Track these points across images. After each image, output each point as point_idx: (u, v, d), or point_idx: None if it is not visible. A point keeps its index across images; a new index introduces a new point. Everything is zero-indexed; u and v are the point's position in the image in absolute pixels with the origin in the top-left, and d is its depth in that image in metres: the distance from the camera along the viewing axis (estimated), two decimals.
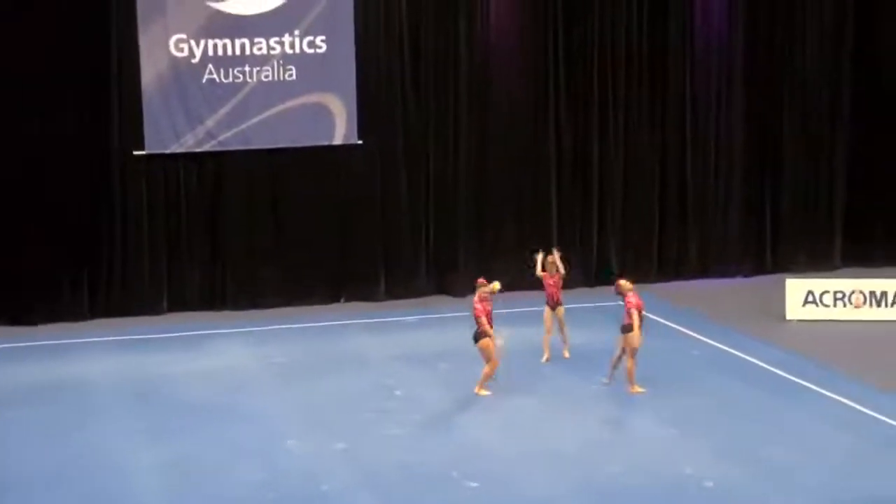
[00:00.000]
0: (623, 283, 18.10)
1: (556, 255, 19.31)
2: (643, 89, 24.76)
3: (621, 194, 24.90)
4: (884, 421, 16.39)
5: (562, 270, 19.25)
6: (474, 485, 14.57)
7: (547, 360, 19.16)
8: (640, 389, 17.70)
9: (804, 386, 17.98)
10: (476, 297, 17.88)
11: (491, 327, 17.66)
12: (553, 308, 19.17)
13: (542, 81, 24.29)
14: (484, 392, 17.90)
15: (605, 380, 18.07)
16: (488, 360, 17.82)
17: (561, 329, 19.28)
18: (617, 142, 24.73)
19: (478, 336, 17.76)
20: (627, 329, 17.60)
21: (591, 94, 24.51)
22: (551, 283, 19.12)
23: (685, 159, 25.13)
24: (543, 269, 19.25)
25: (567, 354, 19.26)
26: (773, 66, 25.34)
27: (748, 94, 25.31)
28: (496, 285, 17.94)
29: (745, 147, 25.43)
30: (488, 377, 17.92)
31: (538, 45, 24.21)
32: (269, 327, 22.03)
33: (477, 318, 17.68)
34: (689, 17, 24.77)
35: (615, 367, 17.96)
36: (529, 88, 24.29)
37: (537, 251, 19.61)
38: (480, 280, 18.26)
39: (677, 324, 21.61)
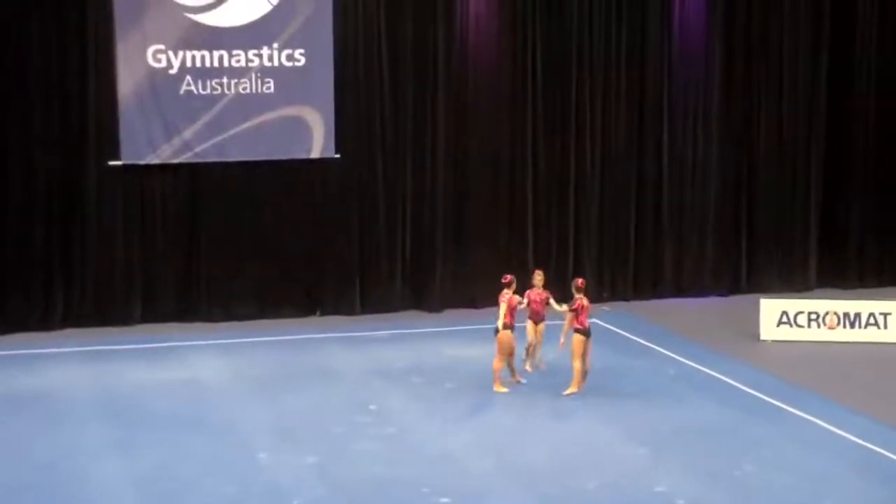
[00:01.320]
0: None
1: (540, 276, 19.24)
2: (620, 105, 24.76)
3: (597, 211, 24.89)
4: (856, 442, 16.36)
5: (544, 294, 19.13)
6: (446, 500, 14.47)
7: (530, 370, 19.07)
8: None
9: (778, 406, 17.96)
10: (504, 293, 18.36)
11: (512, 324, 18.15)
12: (536, 324, 19.06)
13: (521, 98, 24.26)
14: (502, 389, 18.33)
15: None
16: (499, 351, 18.27)
17: (536, 345, 19.20)
18: (594, 158, 24.71)
19: (497, 329, 18.24)
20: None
21: (568, 112, 24.50)
22: (537, 299, 19.02)
23: (661, 177, 25.13)
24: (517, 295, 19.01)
25: (530, 369, 19.14)
26: (750, 85, 25.39)
27: (725, 112, 25.33)
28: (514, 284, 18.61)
29: (722, 166, 25.46)
30: (497, 372, 18.35)
31: (517, 62, 24.18)
32: (244, 340, 21.90)
33: (501, 309, 18.22)
34: (668, 31, 24.79)
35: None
36: (507, 105, 24.25)
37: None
38: (507, 278, 18.58)
39: (652, 342, 21.58)
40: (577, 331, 18.26)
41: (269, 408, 17.99)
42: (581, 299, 18.30)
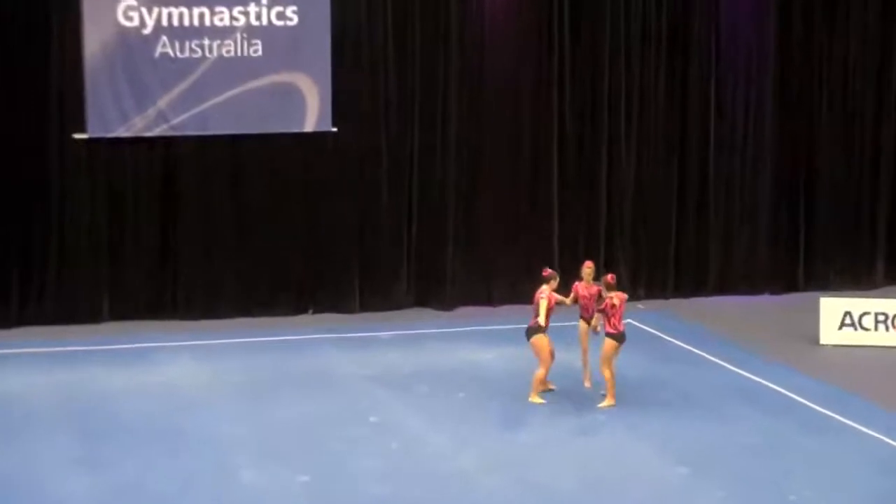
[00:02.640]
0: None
1: (590, 268, 19.18)
2: (660, 82, 24.80)
3: (632, 199, 24.93)
4: None
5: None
6: None
7: (589, 386, 19.13)
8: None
9: (840, 421, 17.98)
10: (543, 289, 18.33)
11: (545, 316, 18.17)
12: (588, 322, 19.03)
13: (546, 68, 24.32)
14: (538, 400, 18.44)
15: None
16: (541, 360, 18.33)
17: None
18: (629, 139, 24.76)
19: (530, 331, 18.29)
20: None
21: (600, 86, 24.54)
22: (586, 294, 19.00)
23: (707, 160, 25.15)
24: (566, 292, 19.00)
25: (588, 384, 19.17)
26: (810, 60, 25.40)
27: (780, 88, 25.37)
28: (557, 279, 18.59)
29: (777, 147, 25.49)
30: (541, 381, 18.45)
31: (541, 27, 24.23)
32: (226, 340, 21.99)
33: (537, 309, 18.18)
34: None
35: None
36: (530, 75, 24.31)
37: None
38: (548, 271, 18.64)
39: (695, 346, 21.62)
40: (609, 335, 18.29)
41: (253, 419, 18.06)
42: (611, 297, 18.33)
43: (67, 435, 17.34)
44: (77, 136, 22.70)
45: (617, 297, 18.32)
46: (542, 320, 18.25)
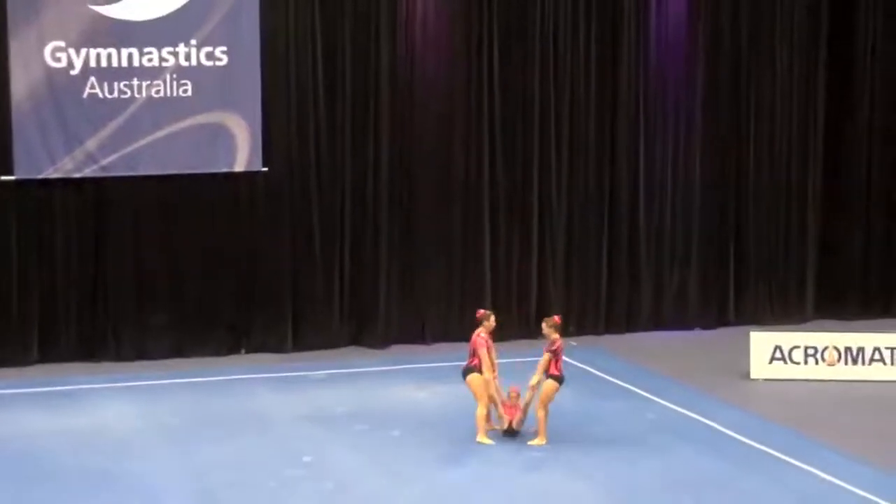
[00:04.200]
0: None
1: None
2: (590, 118, 24.97)
3: (564, 235, 25.04)
4: (861, 495, 16.51)
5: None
6: None
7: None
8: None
9: (771, 454, 18.10)
10: (479, 331, 18.43)
11: (492, 364, 18.26)
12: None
13: (476, 107, 24.42)
14: (486, 440, 18.39)
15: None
16: (478, 398, 18.38)
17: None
18: (560, 175, 24.87)
19: (466, 371, 18.38)
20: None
21: (530, 123, 24.68)
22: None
23: (637, 194, 25.31)
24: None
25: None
26: (738, 92, 25.71)
27: (709, 120, 25.62)
28: (492, 320, 18.66)
29: (705, 181, 25.69)
30: (484, 419, 18.44)
31: (471, 64, 24.34)
32: (157, 381, 21.85)
33: (473, 350, 18.28)
34: (644, 31, 25.08)
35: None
36: (460, 114, 24.39)
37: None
38: (481, 312, 18.75)
39: (628, 382, 21.71)
40: (552, 377, 18.34)
41: (186, 461, 17.94)
42: (559, 340, 18.40)
43: None
44: (4, 177, 22.53)
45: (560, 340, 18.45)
46: (487, 374, 18.29)
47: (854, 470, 17.35)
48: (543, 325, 18.74)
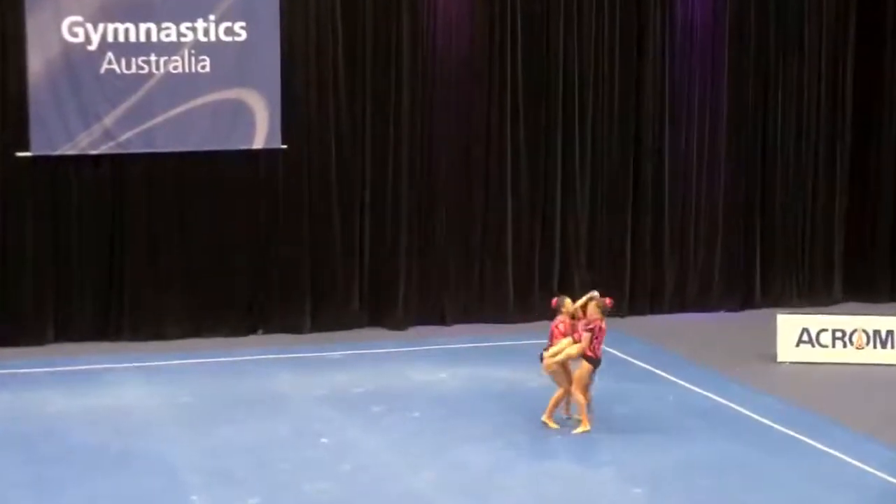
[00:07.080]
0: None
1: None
2: (614, 95, 24.98)
3: (587, 216, 25.07)
4: (884, 478, 16.51)
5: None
6: None
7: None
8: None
9: (795, 437, 18.13)
10: (558, 319, 18.51)
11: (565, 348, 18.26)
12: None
13: (497, 80, 24.44)
14: (552, 424, 18.38)
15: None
16: (559, 384, 18.40)
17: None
18: (583, 155, 24.89)
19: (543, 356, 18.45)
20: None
21: (554, 102, 24.69)
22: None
23: (662, 174, 25.32)
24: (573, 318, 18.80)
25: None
26: (767, 69, 25.69)
27: (735, 100, 25.60)
28: (568, 303, 18.60)
29: (731, 160, 25.70)
30: (557, 403, 18.52)
31: (494, 38, 24.34)
32: (174, 362, 21.96)
33: (551, 338, 18.38)
34: (670, 9, 25.10)
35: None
36: (482, 88, 24.41)
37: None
38: (555, 301, 18.73)
39: (650, 365, 21.76)
40: (587, 358, 18.27)
41: (203, 441, 18.03)
42: (602, 322, 18.27)
43: (13, 460, 17.25)
44: (20, 153, 22.63)
45: (604, 323, 18.36)
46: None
47: (882, 454, 17.36)
48: (590, 303, 18.36)
